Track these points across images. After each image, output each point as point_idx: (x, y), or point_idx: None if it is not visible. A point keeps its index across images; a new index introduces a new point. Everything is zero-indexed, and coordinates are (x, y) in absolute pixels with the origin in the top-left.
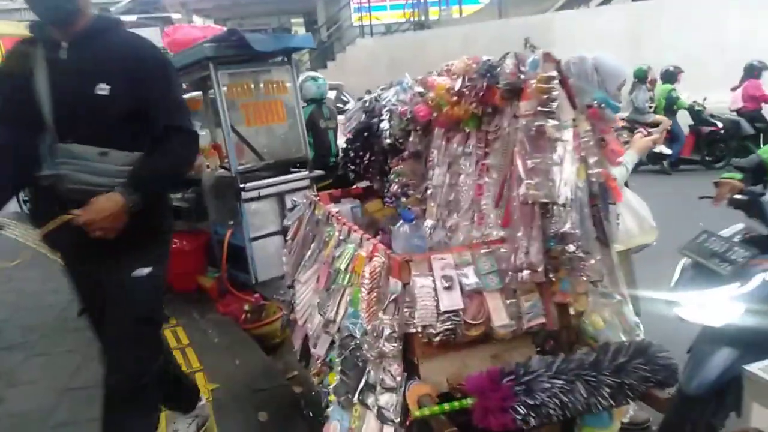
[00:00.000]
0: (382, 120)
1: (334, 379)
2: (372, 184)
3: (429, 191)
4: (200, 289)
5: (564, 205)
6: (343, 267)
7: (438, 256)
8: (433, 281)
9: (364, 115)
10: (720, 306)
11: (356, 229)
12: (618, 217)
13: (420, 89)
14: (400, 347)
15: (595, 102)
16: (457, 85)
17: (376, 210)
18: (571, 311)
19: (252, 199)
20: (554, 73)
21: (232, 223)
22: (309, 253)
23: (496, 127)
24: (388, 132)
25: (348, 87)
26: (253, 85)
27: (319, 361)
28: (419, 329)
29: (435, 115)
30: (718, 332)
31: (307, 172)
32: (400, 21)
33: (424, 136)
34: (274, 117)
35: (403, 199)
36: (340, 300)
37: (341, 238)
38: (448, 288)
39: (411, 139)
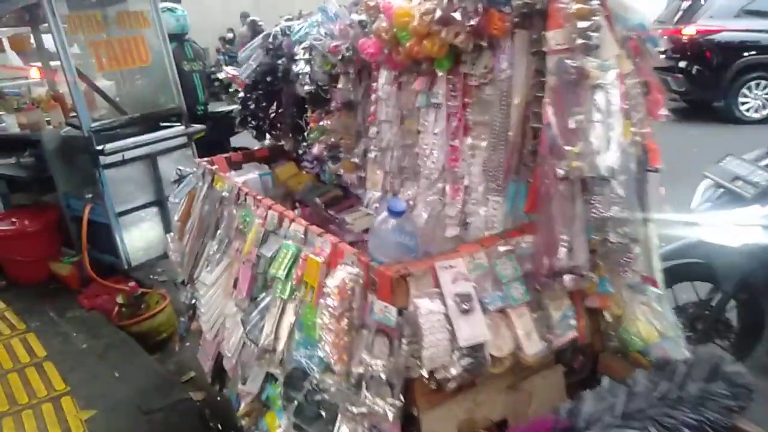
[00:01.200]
0: (296, 60)
1: (275, 425)
2: (281, 143)
3: (371, 155)
4: (54, 278)
5: (607, 179)
6: (281, 274)
7: (445, 263)
8: (443, 303)
9: (265, 54)
10: (742, 227)
11: (295, 218)
12: None
13: (361, 17)
14: (400, 402)
15: (635, 32)
16: (439, 8)
17: (290, 176)
18: (607, 317)
19: (114, 165)
20: None
21: (90, 196)
22: (215, 244)
23: (485, 69)
24: (307, 76)
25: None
26: (102, 18)
27: (249, 399)
28: (426, 374)
29: (386, 52)
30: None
31: (182, 127)
32: None
33: (359, 82)
34: (134, 58)
35: (331, 165)
36: (279, 319)
37: (270, 229)
38: (467, 311)
39: (341, 85)
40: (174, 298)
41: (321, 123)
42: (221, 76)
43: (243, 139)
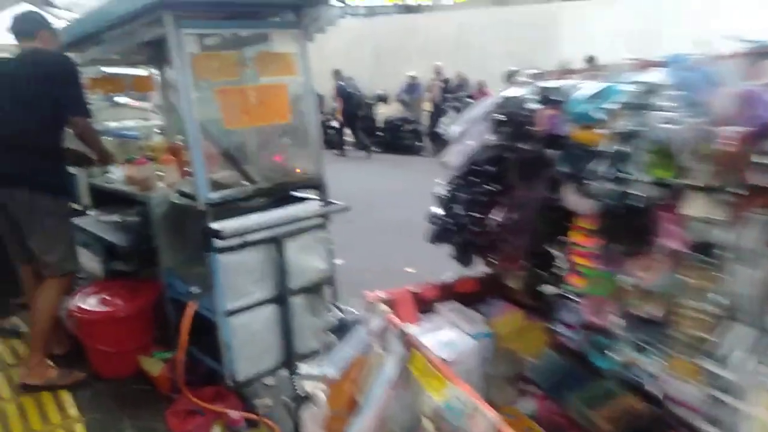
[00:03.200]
0: (572, 149)
1: None
2: (501, 274)
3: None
4: (142, 374)
5: None
6: None
7: None
8: None
9: (494, 132)
10: None
11: None
12: None
13: None
14: None
15: None
16: None
17: (514, 332)
18: None
19: (232, 249)
20: None
21: (196, 291)
22: None
23: None
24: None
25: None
26: (238, 60)
27: None
28: None
29: None
30: None
31: (319, 202)
32: (386, 4)
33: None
34: (272, 113)
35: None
36: None
37: None
38: None
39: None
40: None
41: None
42: (335, 124)
43: None
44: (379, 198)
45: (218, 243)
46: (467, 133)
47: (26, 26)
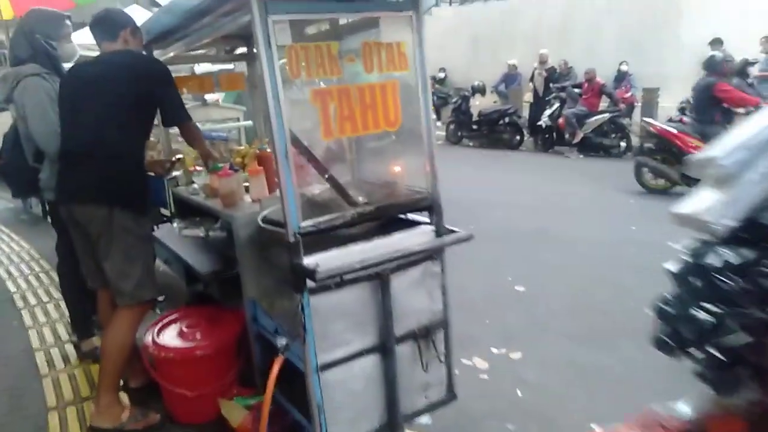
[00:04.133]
0: None
1: None
2: None
3: None
4: (221, 420)
5: None
6: None
7: None
8: None
9: None
10: None
11: None
12: None
13: None
14: None
15: None
16: None
17: None
18: None
19: (327, 288)
20: None
21: (283, 343)
22: None
23: None
24: None
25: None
26: (339, 53)
27: None
28: None
29: None
30: None
31: (431, 228)
32: None
33: None
34: (380, 119)
35: None
36: None
37: None
38: None
39: None
40: None
41: None
42: None
43: None
44: (475, 199)
45: (310, 283)
46: (747, 168)
47: (109, 26)
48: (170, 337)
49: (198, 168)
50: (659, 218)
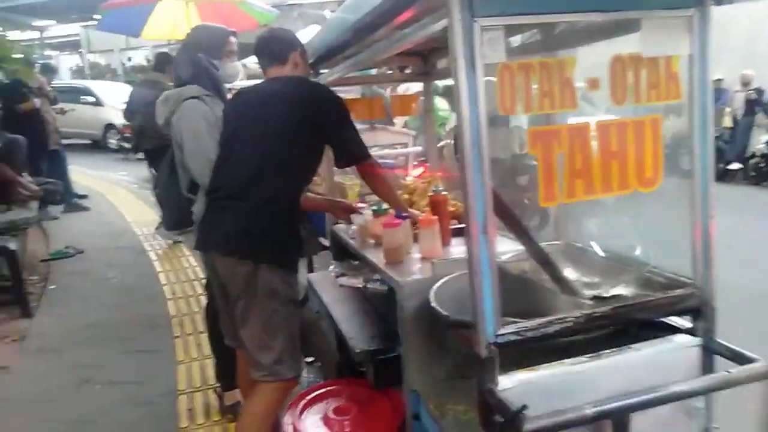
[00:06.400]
0: None
1: None
2: None
3: None
4: None
5: None
6: None
7: None
8: None
9: None
10: None
11: None
12: None
13: None
14: None
15: None
16: None
17: None
18: None
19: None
20: None
21: None
22: None
23: None
24: None
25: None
26: (575, 71)
27: None
28: None
29: None
30: None
31: (696, 339)
32: None
33: None
34: (629, 174)
35: None
36: None
37: None
38: None
39: None
40: None
41: None
42: None
43: None
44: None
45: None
46: None
47: (278, 48)
48: (313, 425)
49: (362, 204)
50: None
